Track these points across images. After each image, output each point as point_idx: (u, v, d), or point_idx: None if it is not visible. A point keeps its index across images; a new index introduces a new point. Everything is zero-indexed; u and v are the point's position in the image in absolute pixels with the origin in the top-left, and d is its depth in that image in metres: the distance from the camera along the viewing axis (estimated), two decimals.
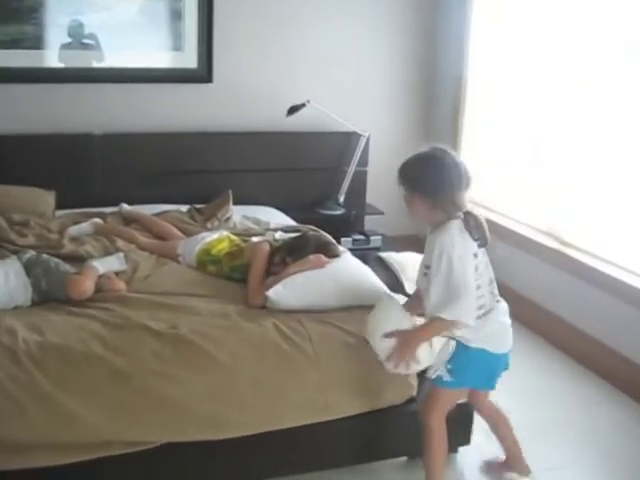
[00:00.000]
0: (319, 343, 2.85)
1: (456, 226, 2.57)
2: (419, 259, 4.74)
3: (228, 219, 4.35)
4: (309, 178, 5.06)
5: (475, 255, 2.60)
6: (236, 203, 4.49)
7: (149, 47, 4.84)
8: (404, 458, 3.14)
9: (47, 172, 4.49)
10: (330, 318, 3.00)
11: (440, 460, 2.79)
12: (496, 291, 2.73)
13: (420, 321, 2.73)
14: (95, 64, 4.74)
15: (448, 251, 2.52)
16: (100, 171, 4.66)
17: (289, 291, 3.10)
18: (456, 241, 2.54)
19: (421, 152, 2.66)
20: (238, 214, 4.44)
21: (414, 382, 2.97)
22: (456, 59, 5.11)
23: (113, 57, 4.75)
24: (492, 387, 2.82)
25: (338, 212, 5.01)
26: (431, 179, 2.59)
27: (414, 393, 2.96)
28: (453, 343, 2.64)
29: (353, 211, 5.06)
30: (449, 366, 2.65)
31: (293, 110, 4.76)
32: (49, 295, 3.17)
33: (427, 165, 2.62)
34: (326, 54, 5.13)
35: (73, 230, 3.93)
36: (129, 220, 4.25)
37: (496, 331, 2.69)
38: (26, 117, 4.61)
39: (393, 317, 2.71)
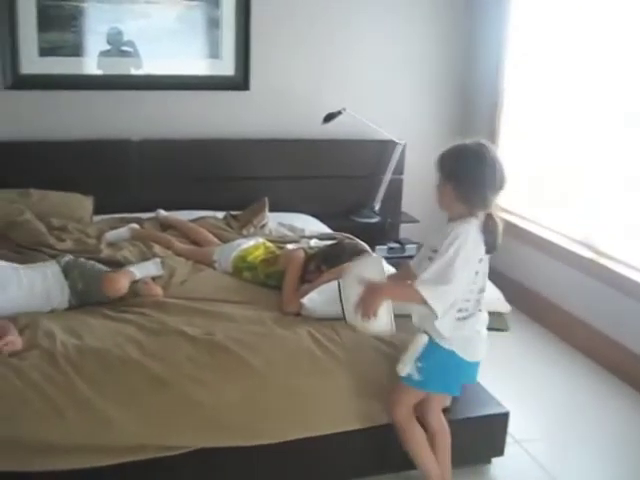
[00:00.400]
0: (353, 351, 2.85)
1: (476, 224, 2.56)
2: None
3: (264, 226, 4.37)
4: (345, 186, 5.07)
5: (480, 260, 2.58)
6: (272, 210, 4.52)
7: (187, 54, 4.88)
8: None
9: (86, 177, 4.55)
10: None
11: (421, 451, 2.77)
12: (482, 300, 2.68)
13: None
14: (133, 71, 4.79)
15: (460, 243, 2.49)
16: (138, 177, 4.71)
17: (324, 299, 3.10)
18: (470, 239, 2.52)
19: (464, 144, 2.66)
20: (274, 221, 4.46)
21: None
22: (493, 67, 5.09)
23: (151, 64, 4.80)
24: (455, 393, 2.79)
25: (373, 220, 5.01)
26: (466, 173, 2.58)
27: (448, 403, 2.95)
28: (425, 340, 2.61)
29: (388, 219, 5.06)
30: (419, 364, 2.63)
31: (329, 118, 4.77)
32: (86, 295, 3.21)
33: (466, 158, 2.61)
34: (363, 62, 5.13)
35: (110, 235, 3.98)
36: (166, 226, 4.29)
37: (470, 338, 2.64)
38: (65, 123, 4.67)
39: (372, 270, 2.71)
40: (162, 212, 4.42)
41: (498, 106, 5.09)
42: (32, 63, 4.54)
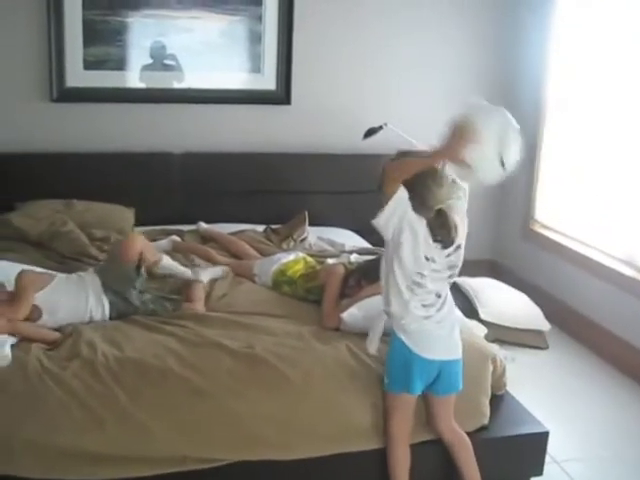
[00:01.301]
0: None
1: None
2: (494, 285, 4.74)
3: (304, 240, 4.37)
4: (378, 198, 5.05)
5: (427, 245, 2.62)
6: (312, 224, 4.52)
7: (229, 68, 4.92)
8: None
9: (128, 189, 4.59)
10: None
11: (399, 472, 2.74)
12: (446, 308, 2.71)
13: None
14: (175, 85, 4.84)
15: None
16: (179, 189, 4.75)
17: (363, 314, 3.07)
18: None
19: None
20: (313, 235, 4.46)
21: (487, 410, 2.94)
22: (535, 80, 5.06)
23: (193, 78, 4.84)
24: (415, 391, 2.70)
25: None
26: None
27: (486, 421, 2.93)
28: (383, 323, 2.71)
29: None
30: (386, 367, 2.70)
31: (370, 133, 4.75)
32: (124, 285, 3.27)
33: None
34: (404, 76, 5.13)
35: (205, 274, 3.76)
36: (206, 238, 4.31)
37: (427, 334, 2.65)
38: (109, 136, 4.73)
39: None
40: (203, 225, 4.45)
41: (540, 120, 5.05)
42: (77, 76, 4.60)
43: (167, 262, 3.66)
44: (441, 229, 2.62)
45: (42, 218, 4.16)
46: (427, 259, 2.61)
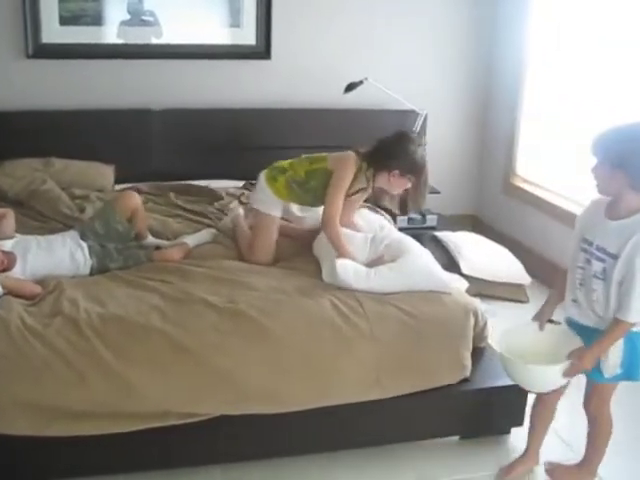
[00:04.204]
0: (376, 321, 2.85)
1: None
2: (475, 239, 4.75)
3: None
4: None
5: None
6: None
7: (208, 23, 4.86)
8: (456, 438, 3.13)
9: (107, 147, 4.56)
10: (388, 297, 2.97)
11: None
12: None
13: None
14: (154, 40, 4.78)
15: None
16: (159, 146, 4.72)
17: (354, 274, 3.02)
18: None
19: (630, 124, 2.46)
20: None
21: (468, 363, 2.97)
22: (517, 37, 5.03)
23: (172, 33, 4.78)
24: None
25: None
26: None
27: (468, 374, 2.96)
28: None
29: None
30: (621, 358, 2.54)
31: (351, 87, 4.74)
32: (110, 234, 3.35)
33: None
34: (385, 31, 5.09)
35: (191, 239, 3.60)
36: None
37: None
38: (86, 92, 4.67)
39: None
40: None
41: (521, 76, 5.04)
42: (53, 32, 4.54)
43: (153, 240, 3.62)
44: None
45: (20, 177, 4.14)
46: None
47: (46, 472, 2.66)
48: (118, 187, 4.42)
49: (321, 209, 3.34)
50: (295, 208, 3.66)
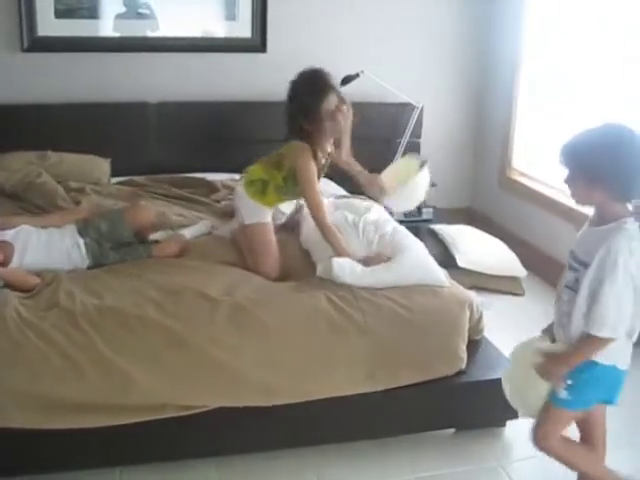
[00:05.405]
0: (370, 314, 2.86)
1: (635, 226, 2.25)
2: (471, 232, 4.76)
3: None
4: (362, 149, 5.00)
5: None
6: None
7: (203, 16, 4.86)
8: (451, 430, 3.14)
9: (103, 140, 4.56)
10: (383, 290, 2.98)
11: (589, 462, 2.55)
12: None
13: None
14: (150, 33, 4.77)
15: (625, 260, 2.18)
16: (155, 139, 4.72)
17: (350, 274, 3.01)
18: (636, 253, 2.21)
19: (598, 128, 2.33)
20: None
21: (463, 355, 2.98)
22: (513, 29, 5.03)
23: (167, 27, 4.77)
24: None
25: None
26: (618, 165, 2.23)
27: (463, 366, 2.97)
28: None
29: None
30: (569, 382, 2.34)
31: (347, 80, 4.73)
32: (112, 234, 3.33)
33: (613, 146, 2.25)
34: (381, 24, 5.08)
35: (188, 231, 3.62)
36: None
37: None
38: (82, 86, 4.67)
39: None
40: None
41: (517, 69, 5.04)
42: (48, 25, 4.52)
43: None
44: None
45: (16, 170, 4.13)
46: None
47: (41, 465, 2.66)
48: (114, 180, 4.42)
49: None
50: (281, 206, 3.67)
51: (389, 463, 2.94)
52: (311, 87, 3.33)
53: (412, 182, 3.53)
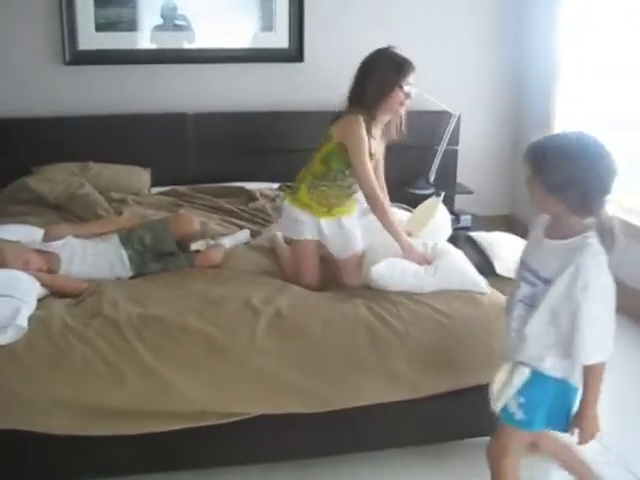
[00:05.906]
0: (410, 321, 2.85)
1: (596, 242, 2.14)
2: (510, 239, 4.72)
3: None
4: (400, 157, 5.02)
5: None
6: None
7: (240, 27, 4.91)
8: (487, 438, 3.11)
9: (143, 151, 4.63)
10: (422, 297, 2.98)
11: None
12: None
13: None
14: (187, 45, 4.83)
15: (596, 276, 2.12)
16: (194, 149, 4.77)
17: (390, 273, 3.02)
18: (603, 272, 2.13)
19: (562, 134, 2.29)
20: None
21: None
22: (548, 37, 5.00)
23: (204, 38, 4.84)
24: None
25: (428, 191, 4.98)
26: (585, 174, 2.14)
27: None
28: (527, 373, 2.28)
29: (443, 190, 5.03)
30: (521, 400, 2.31)
31: None
32: (156, 245, 3.36)
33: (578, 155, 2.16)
34: (418, 33, 5.09)
35: (228, 240, 3.63)
36: None
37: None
38: (122, 97, 4.75)
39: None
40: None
41: (555, 72, 5.00)
42: (89, 39, 4.62)
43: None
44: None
45: (59, 181, 4.20)
46: None
47: (79, 471, 2.70)
48: (155, 190, 4.48)
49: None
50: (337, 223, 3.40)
51: (431, 471, 2.94)
52: (398, 63, 3.33)
53: (431, 224, 3.53)
